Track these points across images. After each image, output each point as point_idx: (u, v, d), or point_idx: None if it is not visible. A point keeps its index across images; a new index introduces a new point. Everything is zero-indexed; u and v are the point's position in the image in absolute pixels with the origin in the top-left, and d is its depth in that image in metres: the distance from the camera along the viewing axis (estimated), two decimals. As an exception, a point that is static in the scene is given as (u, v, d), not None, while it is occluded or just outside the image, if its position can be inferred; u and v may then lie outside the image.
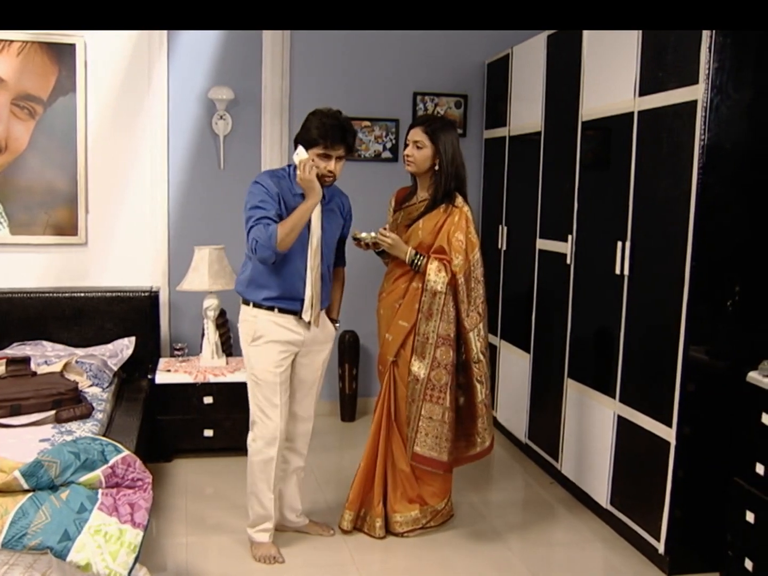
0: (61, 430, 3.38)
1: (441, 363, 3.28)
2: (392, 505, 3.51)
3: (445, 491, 3.58)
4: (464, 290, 3.26)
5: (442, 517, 3.59)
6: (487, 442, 3.47)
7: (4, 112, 4.52)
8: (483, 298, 3.34)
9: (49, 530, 2.46)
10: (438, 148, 3.32)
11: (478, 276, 3.31)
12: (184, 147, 4.81)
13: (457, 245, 3.25)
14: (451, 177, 3.33)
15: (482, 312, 3.33)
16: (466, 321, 3.29)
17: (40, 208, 4.65)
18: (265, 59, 4.81)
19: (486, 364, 3.37)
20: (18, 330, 4.36)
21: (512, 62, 4.58)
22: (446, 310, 3.27)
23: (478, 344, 3.32)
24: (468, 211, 3.32)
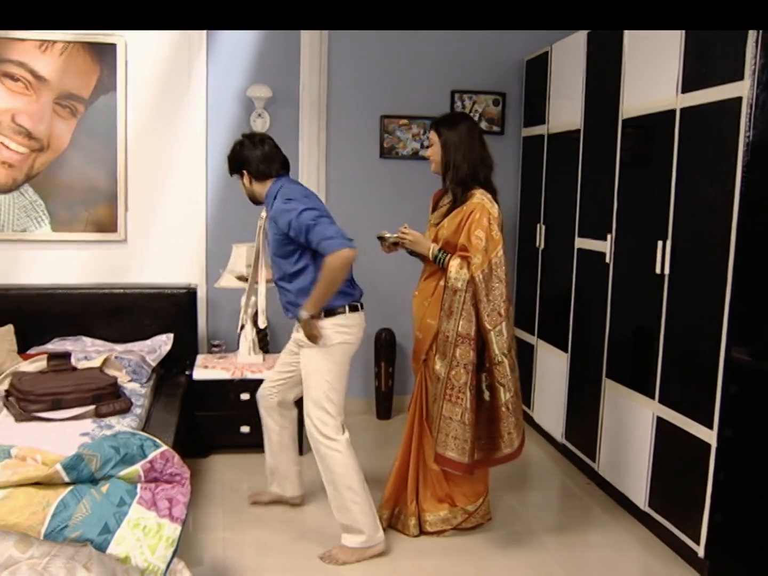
0: (100, 424, 3.42)
1: (460, 362, 3.21)
2: (422, 504, 3.50)
3: (475, 493, 3.52)
4: (483, 289, 3.17)
5: (475, 519, 3.54)
6: (513, 446, 3.33)
7: (47, 111, 4.59)
8: (505, 298, 3.22)
9: (89, 523, 2.49)
10: (443, 144, 3.30)
11: (500, 275, 3.20)
12: (223, 145, 4.80)
13: (476, 243, 3.18)
14: (460, 171, 3.27)
15: (504, 312, 3.21)
16: (486, 321, 3.19)
17: (81, 206, 4.71)
18: (303, 57, 4.83)
19: (509, 366, 3.23)
20: (59, 325, 4.42)
21: (551, 60, 4.54)
22: (466, 309, 3.19)
23: (498, 345, 3.20)
24: (492, 207, 3.24)
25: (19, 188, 4.64)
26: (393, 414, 5.09)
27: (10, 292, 4.42)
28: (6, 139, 4.56)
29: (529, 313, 4.87)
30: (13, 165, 4.60)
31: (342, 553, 3.27)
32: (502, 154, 5.03)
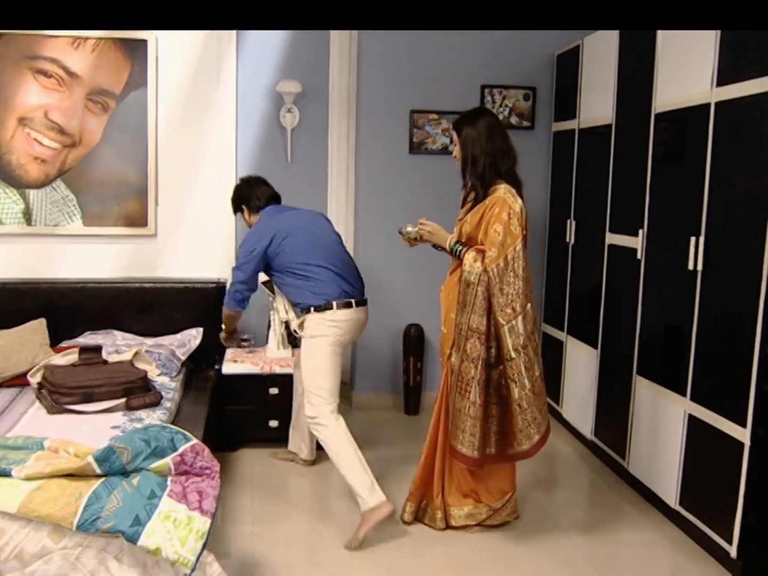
0: (131, 417, 3.45)
1: (470, 356, 3.20)
2: (447, 498, 3.50)
3: (500, 490, 3.50)
4: (497, 284, 3.13)
5: (501, 516, 3.52)
6: (531, 442, 3.28)
7: (79, 107, 4.62)
8: (522, 294, 3.15)
9: (121, 515, 2.51)
10: (462, 141, 3.30)
11: (516, 270, 3.15)
12: (252, 140, 4.86)
13: (493, 236, 3.15)
14: (478, 165, 3.25)
15: (520, 308, 3.15)
16: (499, 315, 3.15)
17: (112, 201, 4.75)
18: (332, 53, 4.82)
19: (524, 363, 3.17)
20: (90, 319, 4.46)
21: (583, 54, 4.50)
22: (479, 302, 3.17)
23: (510, 341, 3.15)
24: (514, 201, 3.20)
25: (51, 183, 4.68)
26: (421, 410, 5.08)
27: (42, 286, 4.46)
28: (39, 135, 4.61)
29: (558, 309, 4.83)
30: (45, 160, 4.65)
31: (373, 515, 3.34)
32: (532, 149, 5.03)
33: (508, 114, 4.94)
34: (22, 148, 4.61)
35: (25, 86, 4.56)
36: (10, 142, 4.59)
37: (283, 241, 3.67)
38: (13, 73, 4.54)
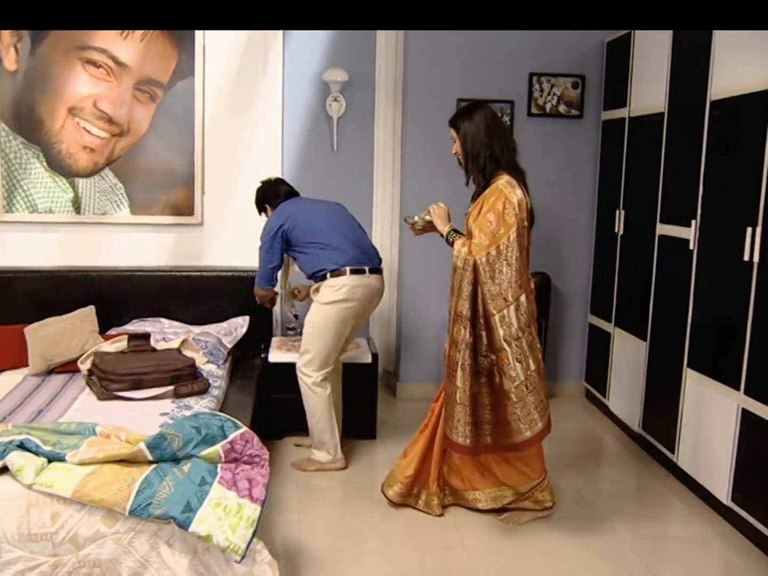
0: (179, 404, 3.47)
1: (455, 340, 3.21)
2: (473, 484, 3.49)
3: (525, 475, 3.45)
4: (488, 272, 3.12)
5: (530, 502, 3.48)
6: (516, 438, 3.23)
7: (128, 97, 4.66)
8: (514, 283, 3.12)
9: (172, 501, 2.53)
10: (461, 137, 3.33)
11: (509, 259, 3.12)
12: (298, 129, 4.86)
13: (485, 225, 3.15)
14: (480, 159, 3.27)
15: (511, 298, 3.12)
16: (491, 305, 3.13)
17: (159, 189, 4.79)
18: (379, 41, 4.80)
19: (513, 355, 3.13)
20: (137, 307, 4.51)
21: (634, 41, 4.41)
22: (463, 287, 3.17)
23: (501, 330, 3.13)
24: (511, 192, 3.18)
25: (99, 172, 4.74)
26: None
27: (90, 274, 4.52)
28: (88, 124, 4.66)
29: (606, 300, 4.77)
30: (94, 149, 4.70)
31: (307, 463, 4.00)
32: (580, 137, 4.97)
33: (557, 102, 4.88)
34: (72, 138, 4.67)
35: (75, 76, 4.61)
36: (60, 131, 4.65)
37: (299, 217, 3.97)
38: (64, 63, 4.59)
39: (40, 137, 4.66)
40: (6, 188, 4.66)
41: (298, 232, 3.94)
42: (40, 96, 4.61)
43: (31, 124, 4.63)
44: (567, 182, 5.02)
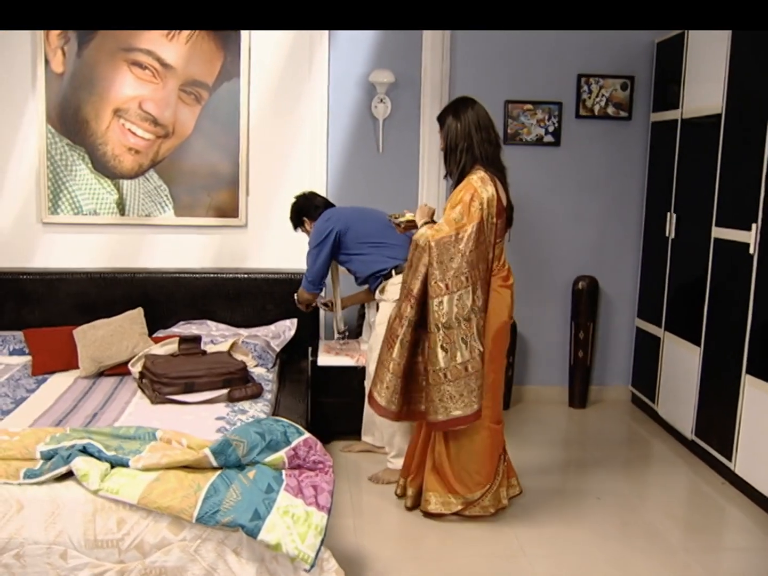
0: (233, 408, 3.44)
1: (401, 314, 3.29)
2: (426, 483, 3.48)
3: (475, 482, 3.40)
4: (437, 255, 3.18)
5: (476, 509, 3.43)
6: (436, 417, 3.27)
7: (173, 98, 4.64)
8: (461, 275, 3.17)
9: (240, 508, 2.50)
10: (443, 131, 3.41)
11: (463, 250, 3.17)
12: (343, 130, 4.82)
13: (449, 215, 3.23)
14: (456, 152, 3.34)
15: (451, 286, 3.17)
16: (431, 288, 3.20)
17: (203, 191, 4.77)
18: (425, 42, 4.75)
19: (439, 342, 3.19)
20: (183, 309, 4.49)
21: (688, 42, 4.34)
22: (419, 267, 3.23)
23: (436, 315, 3.19)
24: (481, 186, 3.23)
25: (144, 174, 4.72)
26: (512, 404, 5.00)
27: (137, 275, 4.50)
28: (133, 126, 4.65)
29: (656, 305, 4.70)
30: (139, 151, 4.69)
31: (390, 474, 3.84)
32: (629, 139, 4.92)
33: (605, 104, 4.82)
34: (117, 139, 4.66)
35: (121, 78, 4.60)
36: (106, 133, 4.64)
37: (350, 219, 4.02)
38: (109, 65, 4.58)
39: (85, 139, 4.65)
40: (51, 190, 4.65)
41: (353, 233, 3.96)
42: (86, 98, 4.60)
43: (77, 125, 4.63)
44: (615, 185, 4.96)
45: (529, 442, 4.35)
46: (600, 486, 3.88)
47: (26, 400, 3.53)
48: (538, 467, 4.06)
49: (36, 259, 4.69)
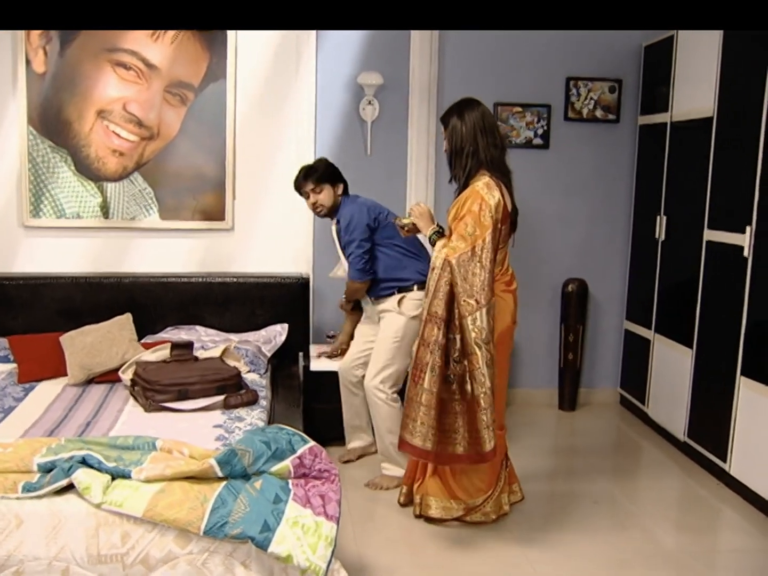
0: (230, 416, 3.38)
1: (426, 341, 3.16)
2: (427, 488, 3.45)
3: (477, 488, 3.39)
4: (460, 273, 3.09)
5: (478, 515, 3.41)
6: (489, 445, 3.10)
7: (158, 100, 4.56)
8: (487, 286, 3.10)
9: (249, 520, 2.44)
10: (447, 132, 3.34)
11: (483, 261, 3.10)
12: (331, 132, 4.78)
13: (461, 228, 3.15)
14: (462, 156, 3.27)
15: (483, 300, 3.08)
16: (462, 305, 3.10)
17: (189, 194, 4.69)
18: (413, 44, 4.72)
19: (483, 360, 3.06)
20: (172, 314, 4.41)
21: (677, 45, 4.36)
22: (440, 287, 3.15)
23: (473, 333, 3.07)
24: (488, 193, 3.15)
25: (128, 176, 4.63)
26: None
27: (123, 280, 4.41)
28: (117, 128, 4.56)
29: (645, 307, 4.72)
30: (123, 153, 4.60)
31: (388, 480, 3.83)
32: (616, 142, 4.93)
33: (593, 107, 4.83)
34: (101, 141, 4.56)
35: (105, 78, 4.51)
36: (89, 134, 4.55)
37: (380, 216, 3.93)
38: (93, 65, 4.49)
39: (68, 140, 4.55)
40: (33, 192, 4.55)
41: (390, 228, 3.83)
42: (68, 98, 4.50)
43: (59, 127, 4.52)
44: (603, 187, 4.97)
45: (521, 446, 4.33)
46: (595, 489, 3.88)
47: (14, 409, 3.44)
48: (533, 471, 4.05)
49: (17, 263, 4.58)
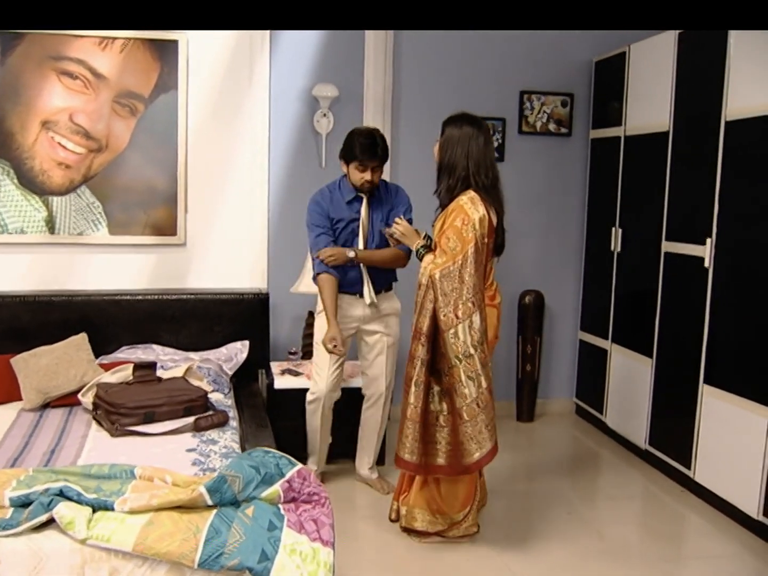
0: (203, 439, 3.26)
1: (413, 356, 3.24)
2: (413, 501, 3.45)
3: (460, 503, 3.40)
4: (440, 288, 3.13)
5: (461, 529, 3.42)
6: (472, 457, 3.19)
7: (106, 110, 4.40)
8: (467, 300, 3.12)
9: (245, 550, 2.36)
10: (442, 140, 3.36)
11: (463, 275, 3.12)
12: (285, 145, 4.70)
13: (444, 243, 3.18)
14: (453, 177, 3.26)
15: (461, 314, 3.12)
16: (441, 320, 3.14)
17: (139, 208, 4.53)
18: (367, 56, 4.69)
19: (463, 372, 3.12)
20: (126, 333, 4.24)
21: (629, 60, 4.45)
22: (425, 305, 3.20)
23: (454, 347, 3.12)
24: (471, 208, 3.16)
25: (75, 190, 4.44)
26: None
27: (74, 299, 4.22)
28: (63, 139, 4.37)
29: (601, 318, 4.79)
30: (70, 166, 4.41)
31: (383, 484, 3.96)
32: (569, 156, 5.00)
33: (546, 120, 4.89)
34: (46, 153, 4.37)
35: (49, 88, 4.32)
36: (33, 146, 4.35)
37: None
38: (37, 74, 4.29)
39: (10, 152, 4.33)
40: (-27, 207, 4.32)
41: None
42: (10, 108, 4.29)
43: (1, 138, 4.30)
44: (557, 200, 5.04)
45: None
46: (565, 500, 3.91)
47: (-32, 438, 3.24)
48: (502, 485, 4.05)
49: (-43, 281, 4.34)
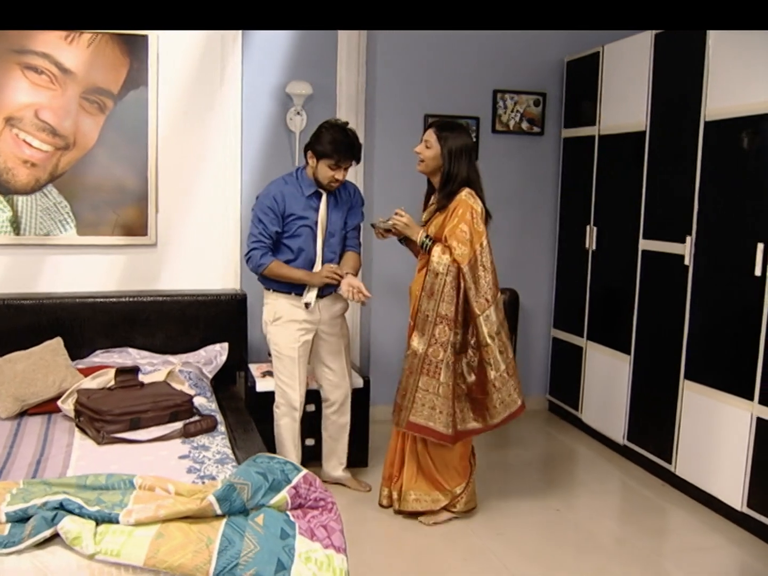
0: (194, 445, 3.18)
1: (438, 340, 3.42)
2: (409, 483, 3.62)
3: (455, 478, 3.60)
4: (471, 278, 3.39)
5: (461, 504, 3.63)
6: (497, 418, 3.52)
7: (73, 107, 4.26)
8: (492, 285, 3.44)
9: (261, 560, 2.30)
10: (443, 150, 3.47)
11: (485, 263, 3.42)
12: (258, 143, 4.62)
13: (461, 236, 3.39)
14: (454, 178, 3.47)
15: (491, 298, 3.43)
16: (475, 306, 3.40)
17: (109, 208, 4.40)
18: (340, 54, 4.64)
19: (498, 348, 3.44)
20: (100, 337, 4.12)
21: (603, 60, 4.50)
22: (447, 291, 3.40)
23: (485, 328, 3.41)
24: (474, 202, 3.43)
25: (42, 189, 4.29)
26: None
27: (46, 302, 4.07)
28: (28, 136, 4.22)
29: (576, 315, 4.84)
30: (35, 164, 4.26)
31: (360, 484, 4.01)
32: (541, 155, 5.04)
33: (519, 119, 4.91)
34: (10, 151, 4.21)
35: (13, 83, 4.16)
36: (-4, 144, 4.19)
37: None
38: (0, 68, 4.13)
39: (-28, 151, 4.18)
40: (-67, 208, 4.14)
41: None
42: (-28, 105, 4.13)
43: (-38, 136, 4.15)
44: (530, 199, 5.07)
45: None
46: (551, 497, 3.94)
47: (-55, 450, 3.10)
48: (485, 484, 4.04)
49: None
